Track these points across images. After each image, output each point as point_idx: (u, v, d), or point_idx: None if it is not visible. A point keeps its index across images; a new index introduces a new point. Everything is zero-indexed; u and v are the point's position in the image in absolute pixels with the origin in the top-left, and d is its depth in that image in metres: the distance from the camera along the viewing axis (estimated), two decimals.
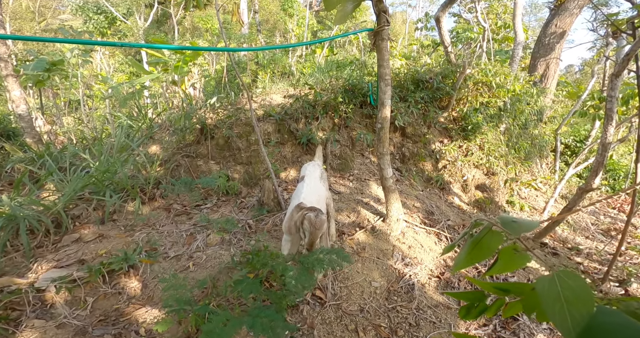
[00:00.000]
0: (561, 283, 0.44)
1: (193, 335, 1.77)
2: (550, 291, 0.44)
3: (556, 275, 0.45)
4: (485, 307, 0.55)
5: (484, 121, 4.41)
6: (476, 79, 4.46)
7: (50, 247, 2.41)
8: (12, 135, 4.29)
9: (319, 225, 1.74)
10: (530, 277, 2.60)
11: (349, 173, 3.93)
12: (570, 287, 0.43)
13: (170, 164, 3.57)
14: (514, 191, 4.75)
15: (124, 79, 6.57)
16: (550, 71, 5.88)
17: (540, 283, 0.46)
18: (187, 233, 2.67)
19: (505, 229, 0.54)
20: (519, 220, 0.55)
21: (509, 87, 4.46)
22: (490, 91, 4.51)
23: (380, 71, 2.45)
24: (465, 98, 4.56)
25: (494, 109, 4.55)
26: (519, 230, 0.52)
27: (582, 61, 21.01)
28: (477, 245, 0.55)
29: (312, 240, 1.73)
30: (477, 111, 4.43)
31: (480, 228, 0.57)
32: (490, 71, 4.48)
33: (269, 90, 4.97)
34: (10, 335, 1.76)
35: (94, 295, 2.05)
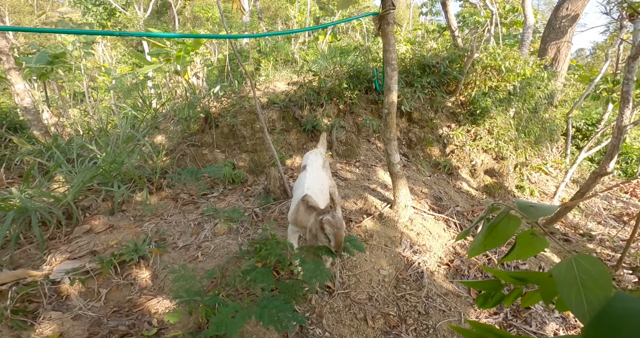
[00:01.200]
0: (578, 267, 0.42)
1: (204, 325, 1.78)
2: (567, 275, 0.42)
3: (574, 258, 0.44)
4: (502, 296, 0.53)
5: (493, 105, 4.31)
6: (485, 63, 4.35)
7: (62, 239, 2.45)
8: (19, 128, 4.33)
9: (340, 224, 1.74)
10: (542, 265, 2.56)
11: (355, 159, 3.89)
12: (587, 271, 0.41)
13: (176, 153, 3.57)
14: (524, 175, 4.67)
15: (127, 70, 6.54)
16: (561, 54, 5.71)
17: (557, 268, 0.44)
18: (195, 223, 2.68)
19: (522, 213, 0.52)
20: (537, 205, 0.54)
21: (519, 71, 4.33)
22: (499, 75, 4.40)
23: (386, 55, 2.37)
24: (474, 82, 4.45)
25: (504, 93, 4.44)
26: (536, 215, 0.51)
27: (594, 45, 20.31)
28: (494, 230, 0.53)
29: (338, 240, 1.73)
30: (485, 95, 4.33)
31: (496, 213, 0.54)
32: (499, 54, 4.36)
33: (272, 78, 4.90)
34: (28, 328, 1.80)
35: (107, 286, 2.07)
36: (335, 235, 1.72)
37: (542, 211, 0.51)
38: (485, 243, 0.52)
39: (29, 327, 1.81)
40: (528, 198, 4.43)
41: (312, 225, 1.82)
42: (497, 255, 2.68)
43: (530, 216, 0.51)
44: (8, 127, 4.17)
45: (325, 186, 2.29)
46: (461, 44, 4.72)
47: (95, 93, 6.58)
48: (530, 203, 0.54)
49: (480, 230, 0.56)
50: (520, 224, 0.52)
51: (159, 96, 5.12)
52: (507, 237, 0.51)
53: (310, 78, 4.23)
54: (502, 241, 0.51)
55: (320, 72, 4.30)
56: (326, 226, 1.74)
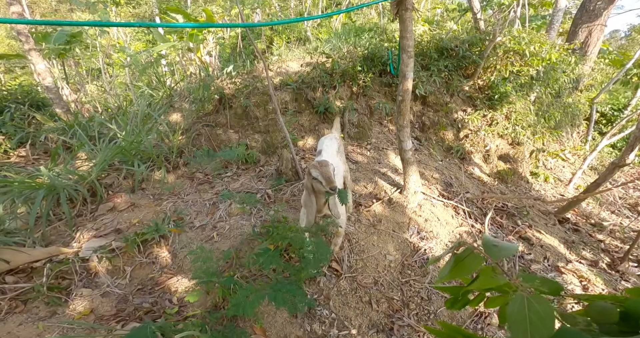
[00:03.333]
0: (530, 306, 0.48)
1: (220, 304, 1.91)
2: (519, 313, 0.48)
3: (527, 299, 0.49)
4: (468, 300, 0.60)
5: (513, 90, 4.16)
6: (507, 48, 4.16)
7: (88, 216, 2.61)
8: (42, 105, 4.47)
9: (324, 163, 1.84)
10: (547, 255, 2.60)
11: (366, 142, 3.89)
12: (536, 311, 0.47)
13: (191, 133, 3.65)
14: (540, 161, 4.58)
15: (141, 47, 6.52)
16: (593, 38, 5.33)
17: (512, 305, 0.50)
18: (210, 203, 2.80)
19: (486, 252, 0.58)
20: (500, 244, 0.58)
21: (544, 56, 4.12)
22: (522, 59, 4.21)
23: (402, 42, 2.30)
24: (494, 67, 4.28)
25: (525, 78, 4.27)
26: (498, 255, 0.56)
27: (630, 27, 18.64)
28: (460, 264, 0.59)
29: (326, 176, 1.81)
30: (505, 80, 4.17)
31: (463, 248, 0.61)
32: (523, 39, 4.14)
33: (285, 57, 4.81)
34: (63, 304, 1.95)
35: (131, 265, 2.22)
36: (322, 173, 1.81)
37: (504, 253, 0.56)
38: (452, 274, 0.58)
39: (63, 303, 1.96)
40: (542, 184, 4.38)
41: (305, 180, 1.90)
42: None
43: (491, 256, 0.56)
44: (30, 104, 4.31)
45: (339, 171, 2.33)
46: (483, 26, 4.48)
47: (110, 69, 6.65)
48: (495, 242, 0.59)
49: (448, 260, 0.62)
50: (482, 262, 0.58)
51: (173, 72, 5.14)
52: (471, 271, 0.57)
53: (323, 60, 4.14)
54: (467, 274, 0.58)
55: (333, 54, 4.20)
56: (312, 170, 1.84)
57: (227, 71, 3.93)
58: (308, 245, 1.76)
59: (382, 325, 1.96)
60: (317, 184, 1.84)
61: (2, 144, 3.56)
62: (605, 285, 2.32)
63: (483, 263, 0.58)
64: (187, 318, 1.83)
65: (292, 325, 1.87)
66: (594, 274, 2.40)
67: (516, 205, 3.28)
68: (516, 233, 2.87)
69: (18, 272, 2.14)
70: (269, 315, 1.89)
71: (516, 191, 4.01)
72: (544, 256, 2.58)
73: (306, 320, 1.91)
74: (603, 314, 0.51)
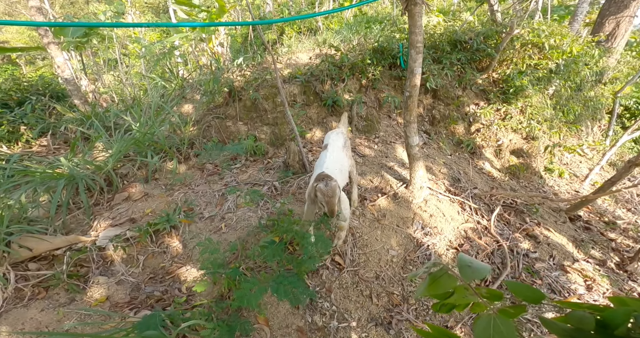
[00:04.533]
0: (495, 327, 0.52)
1: (226, 295, 1.98)
2: (484, 333, 0.52)
3: (493, 319, 0.53)
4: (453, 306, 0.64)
5: (530, 83, 4.03)
6: (525, 40, 4.03)
7: (105, 205, 2.74)
8: (62, 96, 4.65)
9: (331, 192, 1.82)
10: (554, 253, 2.57)
11: (374, 135, 3.87)
12: (500, 332, 0.51)
13: (202, 125, 3.73)
14: (555, 156, 4.45)
15: (156, 37, 6.61)
16: (620, 30, 5.06)
17: (479, 323, 0.54)
18: (219, 194, 2.88)
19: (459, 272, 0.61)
20: (475, 265, 0.61)
21: (565, 49, 3.95)
22: (541, 52, 4.06)
23: (411, 37, 2.26)
24: (510, 60, 4.16)
25: (544, 72, 4.13)
26: (470, 276, 0.59)
27: None
28: (435, 282, 0.62)
29: (330, 207, 1.82)
30: (522, 73, 4.05)
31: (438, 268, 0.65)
32: (543, 31, 3.97)
33: (295, 49, 4.79)
34: (81, 291, 2.06)
35: (144, 254, 2.32)
36: (327, 203, 1.83)
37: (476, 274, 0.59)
38: (427, 292, 0.62)
39: (81, 290, 2.06)
40: (556, 180, 4.27)
41: (309, 189, 1.92)
42: None
43: (464, 277, 0.60)
44: (51, 96, 4.49)
45: (344, 166, 2.34)
46: (500, 18, 4.32)
47: (127, 60, 6.79)
48: (469, 262, 0.62)
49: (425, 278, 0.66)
50: (456, 282, 0.61)
51: (186, 63, 5.21)
52: (446, 290, 0.61)
53: (332, 53, 4.10)
54: (443, 291, 0.61)
55: (343, 46, 4.16)
56: (318, 194, 1.86)
57: (237, 62, 3.97)
58: (309, 238, 1.81)
59: (381, 318, 2.01)
60: (318, 203, 1.88)
61: (25, 134, 3.75)
62: (610, 285, 2.29)
63: (457, 282, 0.61)
64: (195, 307, 1.91)
65: (294, 316, 1.94)
66: (599, 274, 2.37)
67: (525, 202, 3.23)
68: (523, 231, 2.84)
69: (40, 259, 2.25)
70: (272, 306, 1.96)
71: (528, 186, 3.93)
72: (550, 254, 2.56)
73: (307, 311, 1.97)
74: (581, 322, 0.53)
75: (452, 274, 0.61)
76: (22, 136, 3.74)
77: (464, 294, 0.60)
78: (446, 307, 0.65)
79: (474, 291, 0.59)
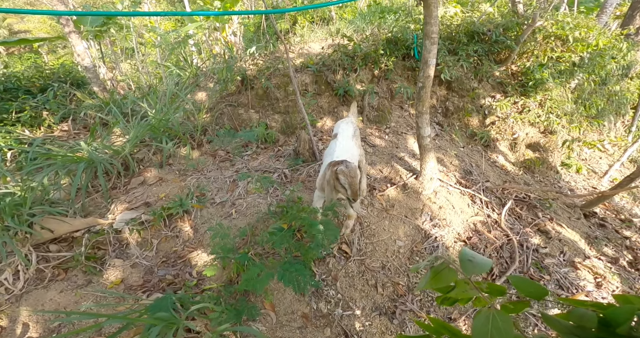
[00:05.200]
0: (493, 322, 0.53)
1: (234, 279, 2.02)
2: (482, 328, 0.53)
3: (492, 314, 0.54)
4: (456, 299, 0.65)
5: (550, 77, 3.90)
6: (548, 33, 3.92)
7: (122, 189, 2.84)
8: (82, 83, 4.80)
9: (353, 173, 1.82)
10: (565, 249, 2.53)
11: (385, 126, 3.85)
12: (498, 327, 0.52)
13: (215, 112, 3.79)
14: (574, 151, 4.31)
15: (171, 26, 6.70)
16: None
17: (478, 318, 0.54)
18: (230, 180, 2.93)
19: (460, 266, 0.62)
20: (476, 259, 0.61)
21: (591, 42, 3.80)
22: (564, 45, 3.92)
23: (427, 28, 2.23)
24: (530, 52, 4.06)
25: (566, 65, 3.99)
26: (471, 271, 0.60)
27: None
28: (436, 276, 0.63)
29: (354, 188, 1.81)
30: (543, 66, 3.92)
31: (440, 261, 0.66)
32: (568, 23, 3.82)
33: (307, 38, 4.77)
34: (98, 273, 2.12)
35: (157, 237, 2.38)
36: (350, 184, 1.81)
37: (477, 269, 0.59)
38: (429, 285, 0.63)
39: (98, 272, 2.11)
40: (573, 175, 4.15)
41: (329, 175, 1.91)
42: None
43: (465, 271, 0.60)
44: (71, 83, 4.63)
45: (354, 155, 2.34)
46: (522, 10, 4.16)
47: (143, 48, 6.91)
48: (471, 256, 0.62)
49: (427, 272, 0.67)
50: (456, 276, 0.62)
51: (200, 52, 5.27)
52: (447, 283, 0.62)
53: (345, 43, 4.07)
54: (444, 284, 0.62)
55: (355, 36, 4.11)
56: (340, 176, 1.84)
57: (250, 51, 3.99)
58: (317, 225, 1.83)
59: (385, 308, 2.03)
60: (340, 188, 1.85)
61: (47, 119, 3.90)
62: (621, 283, 2.25)
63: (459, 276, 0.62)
64: (204, 291, 1.96)
65: (300, 303, 1.98)
66: (610, 272, 2.33)
67: (539, 196, 3.16)
68: (535, 226, 2.80)
69: (60, 241, 2.32)
70: (278, 292, 2.00)
71: (543, 181, 3.84)
72: (560, 250, 2.52)
73: (313, 298, 2.01)
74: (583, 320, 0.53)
75: (453, 268, 0.62)
76: (44, 121, 3.89)
77: (464, 288, 0.60)
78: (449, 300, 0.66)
79: (474, 286, 0.60)
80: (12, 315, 1.90)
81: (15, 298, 1.98)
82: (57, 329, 1.85)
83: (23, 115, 3.83)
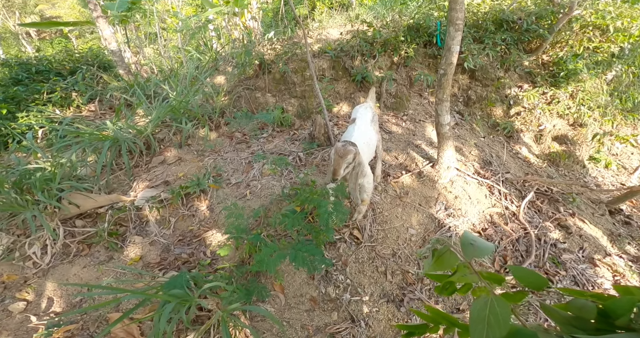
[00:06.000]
0: (491, 308, 0.51)
1: (246, 260, 2.06)
2: (480, 314, 0.52)
3: (490, 299, 0.52)
4: (455, 288, 0.65)
5: (585, 67, 3.70)
6: (586, 22, 3.71)
7: (143, 167, 2.94)
8: (108, 66, 4.96)
9: (342, 152, 1.78)
10: (585, 246, 2.43)
11: (403, 113, 3.78)
12: (496, 313, 0.50)
13: (233, 95, 3.84)
14: (604, 145, 4.09)
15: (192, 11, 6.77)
16: None
17: (475, 304, 0.53)
18: (246, 161, 2.98)
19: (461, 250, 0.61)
20: (477, 243, 0.60)
21: (634, 32, 3.56)
22: (603, 35, 3.72)
23: (451, 14, 2.16)
24: (565, 42, 3.87)
25: (604, 55, 3.78)
26: (472, 255, 0.58)
27: None
28: (439, 259, 0.63)
29: (334, 167, 1.78)
30: (577, 56, 3.72)
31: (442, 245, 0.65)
32: (610, 13, 3.59)
33: (326, 24, 4.70)
34: (119, 249, 2.19)
35: (175, 216, 2.44)
36: (334, 161, 1.78)
37: (478, 253, 0.58)
38: (433, 267, 0.63)
39: (119, 248, 2.18)
40: (601, 171, 3.94)
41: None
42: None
43: (465, 255, 0.59)
44: (99, 66, 4.80)
45: (372, 140, 2.32)
46: None
47: (165, 33, 7.04)
48: (473, 239, 0.60)
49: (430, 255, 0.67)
50: (457, 259, 0.61)
51: (219, 37, 5.31)
52: (450, 267, 0.61)
53: (364, 28, 3.98)
54: (448, 268, 0.61)
55: (375, 22, 4.01)
56: (332, 149, 1.82)
57: (268, 36, 3.98)
58: (325, 205, 1.83)
59: (394, 295, 2.03)
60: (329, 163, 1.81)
61: (75, 100, 4.07)
62: None
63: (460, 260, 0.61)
64: (217, 270, 2.02)
65: (309, 286, 2.01)
66: (631, 270, 2.22)
67: (562, 190, 3.04)
68: (555, 220, 2.70)
69: (86, 217, 2.42)
70: (288, 275, 2.04)
71: (567, 175, 3.68)
72: (580, 246, 2.43)
73: (322, 282, 2.03)
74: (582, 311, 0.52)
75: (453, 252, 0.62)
76: (73, 101, 4.07)
77: (464, 273, 0.59)
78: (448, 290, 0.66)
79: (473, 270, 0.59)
80: (38, 289, 1.98)
81: (43, 272, 2.07)
82: (79, 304, 1.93)
83: (54, 96, 4.02)
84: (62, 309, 1.91)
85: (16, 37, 13.11)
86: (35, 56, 4.89)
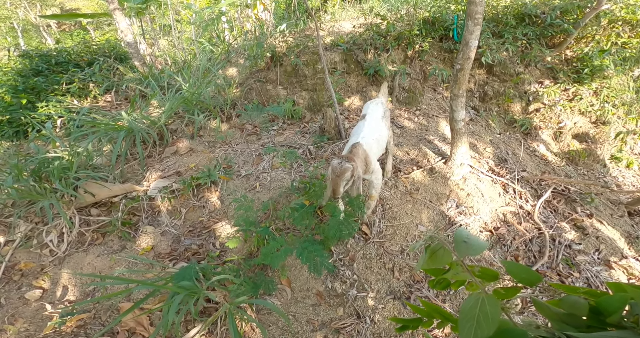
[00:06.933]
0: (481, 306, 0.51)
1: (254, 253, 2.06)
2: (470, 312, 0.52)
3: (482, 298, 0.52)
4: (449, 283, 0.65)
5: (612, 63, 3.55)
6: (615, 17, 3.56)
7: (156, 157, 2.98)
8: (124, 58, 5.04)
9: (339, 172, 1.70)
10: (601, 247, 2.35)
11: (416, 108, 3.70)
12: (485, 312, 0.50)
13: (244, 87, 3.85)
14: (627, 144, 3.92)
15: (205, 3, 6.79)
16: None
17: (466, 302, 0.53)
18: (256, 154, 2.98)
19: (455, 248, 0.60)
20: (471, 240, 0.59)
21: None
22: (633, 30, 3.58)
23: (470, 8, 2.09)
24: (591, 37, 3.72)
25: (633, 51, 3.61)
26: (464, 253, 0.58)
27: None
28: (432, 256, 0.63)
29: (333, 187, 1.70)
30: (604, 52, 3.56)
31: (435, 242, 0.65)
32: None
33: (339, 17, 4.64)
34: (131, 239, 2.22)
35: (186, 206, 2.46)
36: (332, 180, 1.71)
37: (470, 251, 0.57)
38: (427, 264, 0.63)
39: (131, 238, 2.21)
40: (622, 170, 3.78)
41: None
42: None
43: (458, 253, 0.58)
44: (115, 58, 4.88)
45: (383, 136, 2.28)
46: None
47: (179, 26, 7.09)
48: (466, 237, 0.59)
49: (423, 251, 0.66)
50: (451, 256, 0.60)
51: (232, 29, 5.31)
52: (444, 263, 0.61)
53: (378, 21, 3.90)
54: (441, 264, 0.61)
55: (389, 15, 3.93)
56: (329, 169, 1.75)
57: (280, 29, 3.96)
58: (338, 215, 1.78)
59: (400, 293, 2.00)
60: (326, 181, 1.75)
61: (93, 90, 4.16)
62: None
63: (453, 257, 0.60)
64: (226, 262, 2.03)
65: (315, 281, 2.00)
66: None
67: (580, 190, 2.93)
68: (571, 221, 2.61)
69: (100, 206, 2.46)
70: (295, 269, 2.03)
71: (586, 175, 3.55)
72: (596, 248, 2.35)
73: (329, 277, 2.02)
74: (574, 307, 0.52)
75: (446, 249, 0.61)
76: (90, 92, 4.17)
77: (457, 270, 0.59)
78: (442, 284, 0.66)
79: (466, 268, 0.59)
80: (54, 277, 2.03)
81: (59, 260, 2.11)
82: (92, 293, 1.97)
83: (72, 86, 4.12)
84: (76, 298, 1.95)
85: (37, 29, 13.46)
86: (55, 48, 5.00)
